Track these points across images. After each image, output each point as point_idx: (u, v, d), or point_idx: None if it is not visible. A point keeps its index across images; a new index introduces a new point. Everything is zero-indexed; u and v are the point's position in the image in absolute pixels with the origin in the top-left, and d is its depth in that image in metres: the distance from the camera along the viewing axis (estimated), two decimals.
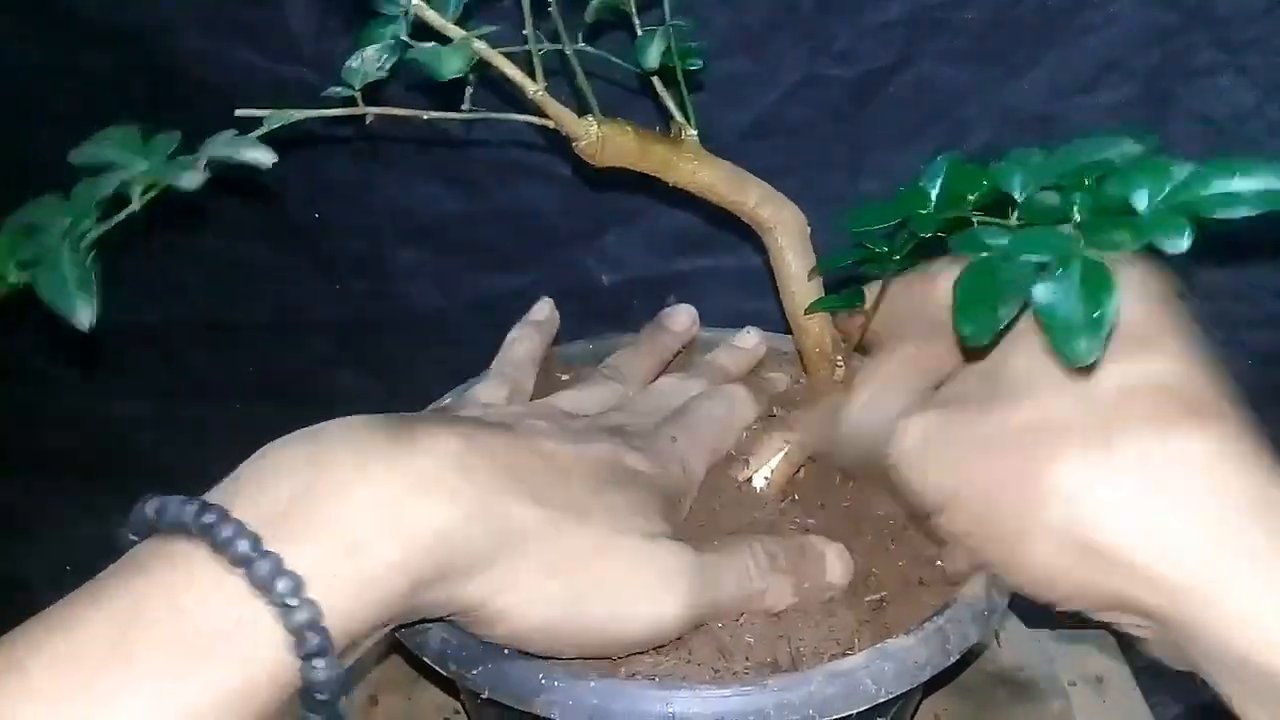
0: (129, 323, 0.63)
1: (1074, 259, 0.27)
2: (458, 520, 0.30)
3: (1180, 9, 0.48)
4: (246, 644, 0.27)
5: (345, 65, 0.33)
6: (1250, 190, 0.26)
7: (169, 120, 0.54)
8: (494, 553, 0.31)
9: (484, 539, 0.30)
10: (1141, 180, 0.27)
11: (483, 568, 0.31)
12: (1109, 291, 0.26)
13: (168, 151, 0.31)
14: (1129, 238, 0.27)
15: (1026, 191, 0.30)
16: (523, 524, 0.31)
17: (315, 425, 0.32)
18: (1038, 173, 0.30)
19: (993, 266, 0.28)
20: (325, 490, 0.29)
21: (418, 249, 0.60)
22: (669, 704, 0.33)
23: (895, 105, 0.52)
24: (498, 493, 0.31)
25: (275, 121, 0.32)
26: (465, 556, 0.30)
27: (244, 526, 0.27)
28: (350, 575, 0.28)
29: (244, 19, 0.53)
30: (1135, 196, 0.27)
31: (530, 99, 0.35)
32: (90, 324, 0.28)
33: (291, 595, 0.27)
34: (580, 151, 0.37)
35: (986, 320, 0.27)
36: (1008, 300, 0.27)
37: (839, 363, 0.43)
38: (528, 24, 0.34)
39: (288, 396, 0.66)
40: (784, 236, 0.41)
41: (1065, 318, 0.26)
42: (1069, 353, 0.26)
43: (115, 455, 0.69)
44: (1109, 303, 0.26)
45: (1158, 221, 0.26)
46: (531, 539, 0.31)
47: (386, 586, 0.29)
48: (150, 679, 0.25)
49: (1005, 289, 0.27)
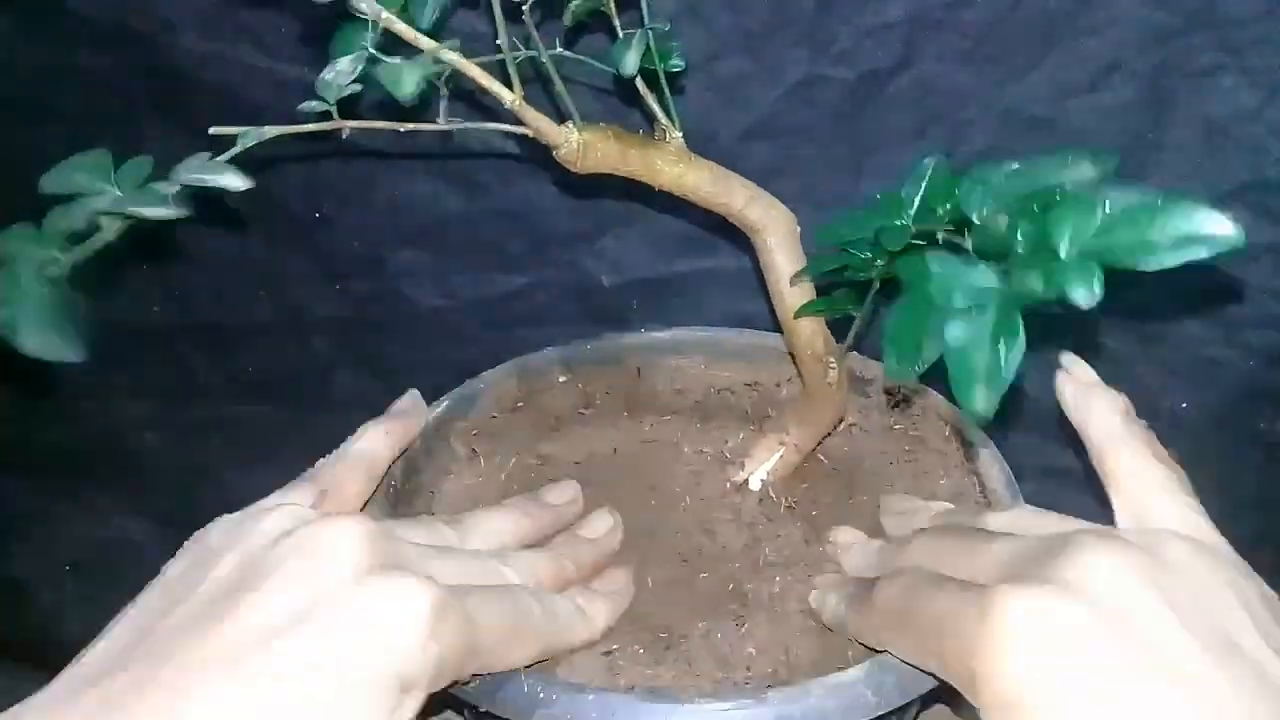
0: (129, 323, 0.63)
1: (990, 303, 0.26)
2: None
3: (1182, 10, 0.48)
4: None
5: (319, 78, 0.32)
6: (1168, 239, 0.25)
7: (170, 120, 0.54)
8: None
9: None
10: (1068, 217, 0.26)
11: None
12: (1014, 343, 0.25)
13: (139, 178, 0.30)
14: (1042, 285, 0.26)
15: (984, 213, 0.29)
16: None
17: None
18: (997, 193, 0.29)
19: (925, 302, 0.27)
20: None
21: (418, 249, 0.60)
22: (669, 717, 0.33)
23: (895, 106, 0.52)
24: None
25: (250, 139, 0.31)
26: None
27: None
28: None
29: (245, 19, 0.53)
30: (1059, 236, 0.26)
31: (508, 108, 0.34)
32: (80, 358, 0.28)
33: None
34: (561, 159, 0.36)
35: (911, 358, 0.27)
36: (932, 342, 0.27)
37: (831, 364, 0.43)
38: (501, 32, 0.33)
39: (288, 396, 0.66)
40: (773, 237, 0.41)
41: (969, 364, 0.25)
42: (967, 404, 0.26)
43: (115, 455, 0.69)
44: (1011, 355, 0.25)
45: (1072, 269, 0.25)
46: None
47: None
48: None
49: (932, 329, 0.27)
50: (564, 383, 0.52)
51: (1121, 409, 0.36)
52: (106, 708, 0.27)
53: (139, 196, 0.30)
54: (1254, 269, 0.53)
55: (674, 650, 0.37)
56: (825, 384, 0.43)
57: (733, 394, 0.51)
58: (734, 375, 0.52)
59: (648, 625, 0.39)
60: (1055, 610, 0.28)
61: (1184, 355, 0.56)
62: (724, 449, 0.47)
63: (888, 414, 0.49)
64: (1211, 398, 0.57)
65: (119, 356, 0.65)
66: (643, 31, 0.37)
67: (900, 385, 0.46)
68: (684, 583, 0.40)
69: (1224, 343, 0.56)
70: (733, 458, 0.46)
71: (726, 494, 0.44)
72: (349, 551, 0.31)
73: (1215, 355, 0.56)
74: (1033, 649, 0.28)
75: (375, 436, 0.42)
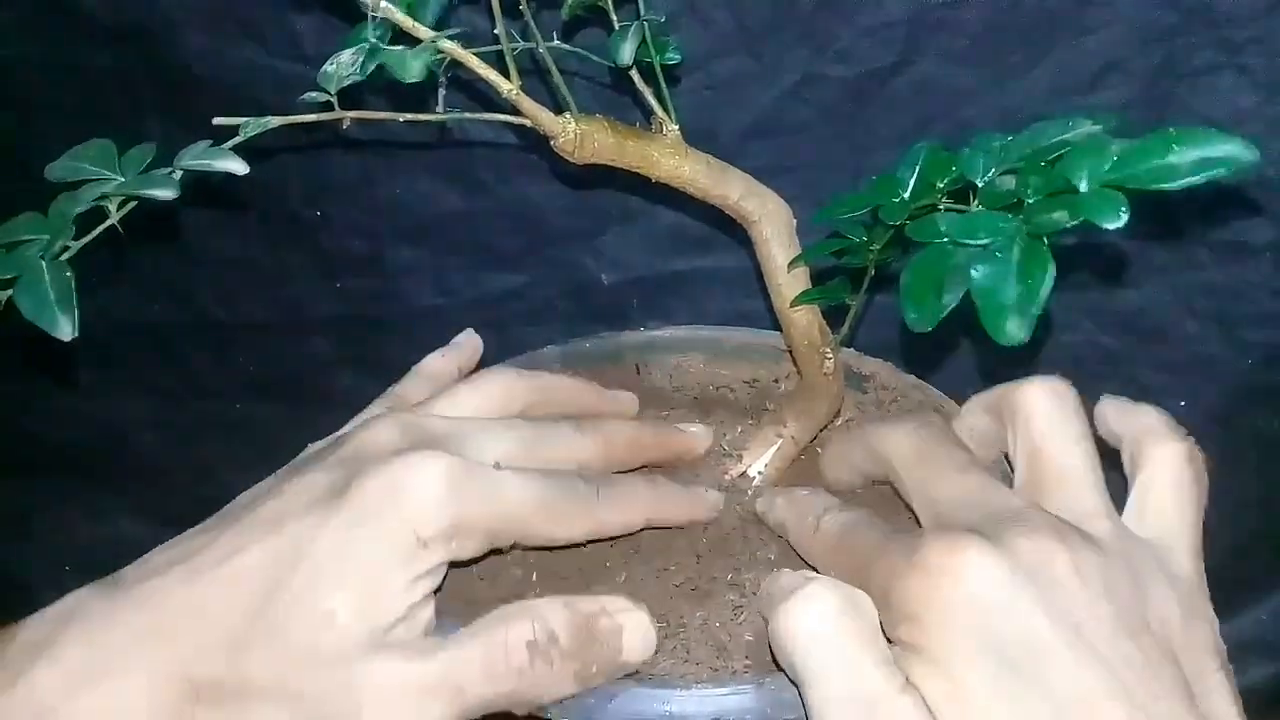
0: (129, 323, 0.64)
1: (1014, 241, 0.27)
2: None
3: (1180, 9, 0.48)
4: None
5: (321, 70, 0.33)
6: (1187, 161, 0.26)
7: (172, 117, 0.54)
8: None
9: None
10: (1083, 159, 0.27)
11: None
12: (1044, 271, 0.26)
13: (143, 164, 0.31)
14: (1066, 216, 0.26)
15: (987, 176, 0.30)
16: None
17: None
18: (999, 157, 0.30)
19: (941, 253, 0.28)
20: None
21: (417, 248, 0.60)
22: (666, 703, 0.33)
23: (895, 105, 0.52)
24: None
25: (252, 129, 0.32)
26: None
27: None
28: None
29: (247, 16, 0.53)
30: (1076, 176, 0.27)
31: (505, 98, 0.35)
32: (72, 335, 0.29)
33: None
34: (558, 149, 0.37)
35: (931, 307, 0.27)
36: (952, 287, 0.27)
37: (828, 355, 0.43)
38: (498, 22, 0.34)
39: (288, 396, 0.66)
40: (769, 229, 0.41)
41: (999, 299, 0.26)
42: (998, 334, 0.26)
43: (115, 455, 0.69)
44: (1043, 282, 0.26)
45: (1095, 199, 0.26)
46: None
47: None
48: None
49: (950, 275, 0.27)
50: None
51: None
52: (181, 557, 0.33)
53: (143, 180, 0.30)
54: (1253, 267, 0.53)
55: (673, 639, 0.37)
56: (822, 375, 0.43)
57: (731, 391, 0.51)
58: (733, 373, 0.52)
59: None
60: (979, 561, 0.29)
61: (1183, 354, 0.56)
62: (722, 442, 0.47)
63: (885, 409, 0.49)
64: (1211, 397, 0.57)
65: (119, 356, 0.65)
66: (639, 23, 0.37)
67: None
68: (682, 572, 0.41)
69: (1223, 341, 0.56)
70: (731, 450, 0.46)
71: (725, 486, 0.44)
72: (386, 438, 0.36)
73: (1214, 354, 0.56)
74: (954, 593, 0.28)
75: (435, 359, 0.46)
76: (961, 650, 0.28)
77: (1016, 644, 0.28)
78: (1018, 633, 0.28)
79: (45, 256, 0.29)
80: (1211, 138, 0.25)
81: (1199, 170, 0.25)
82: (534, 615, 0.33)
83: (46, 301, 0.29)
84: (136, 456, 0.69)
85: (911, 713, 0.28)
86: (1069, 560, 0.29)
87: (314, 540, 0.32)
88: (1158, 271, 0.55)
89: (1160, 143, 0.26)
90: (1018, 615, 0.28)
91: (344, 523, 0.33)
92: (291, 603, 0.32)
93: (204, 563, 0.33)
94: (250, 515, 0.34)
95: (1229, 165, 0.25)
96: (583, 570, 0.40)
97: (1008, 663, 0.28)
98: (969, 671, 0.28)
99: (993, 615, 0.28)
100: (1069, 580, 0.29)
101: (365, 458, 0.35)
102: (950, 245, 0.28)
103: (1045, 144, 0.30)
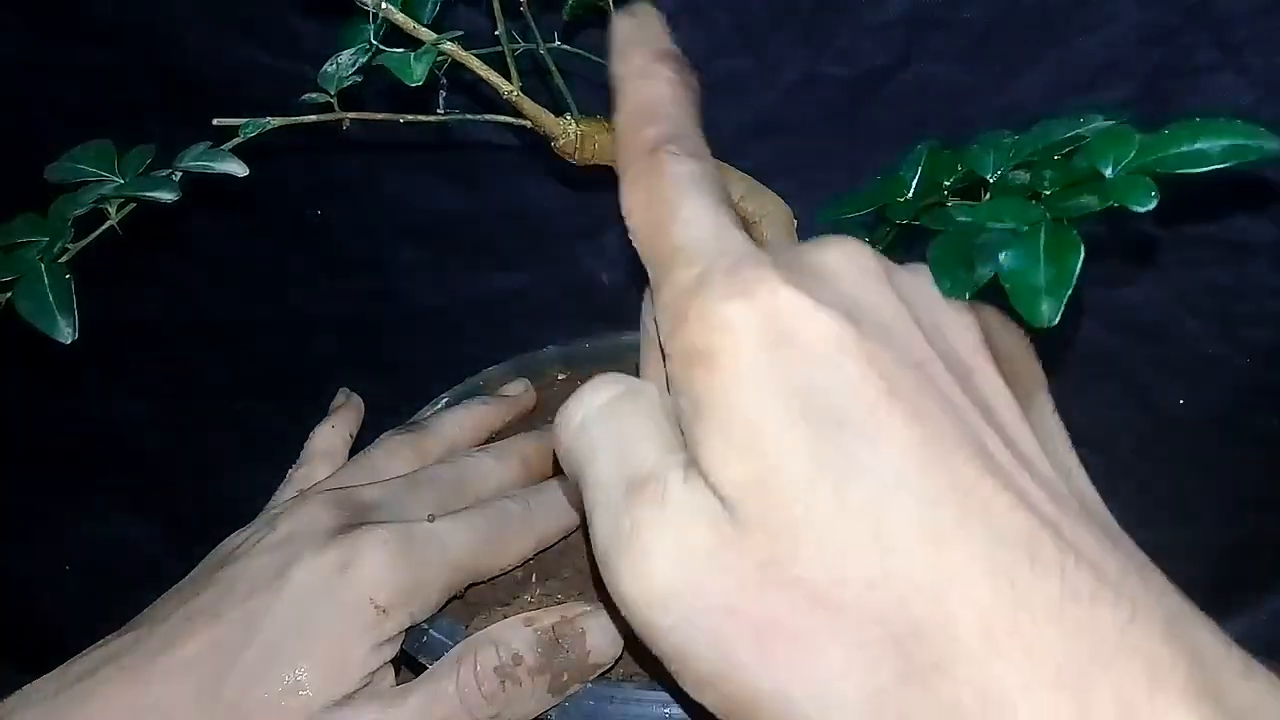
0: (129, 323, 0.63)
1: (1040, 224, 0.27)
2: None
3: (1180, 8, 0.48)
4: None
5: (321, 71, 0.33)
6: (1218, 148, 0.26)
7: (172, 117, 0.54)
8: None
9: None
10: (1107, 148, 0.27)
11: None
12: (1074, 252, 0.26)
13: (142, 165, 0.31)
14: (1095, 201, 0.26)
15: (999, 172, 0.30)
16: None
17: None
18: (1009, 153, 0.30)
19: (965, 232, 0.28)
20: None
21: (419, 247, 0.60)
22: (667, 706, 0.33)
23: (895, 105, 0.52)
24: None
25: (251, 130, 0.32)
26: None
27: None
28: None
29: (247, 15, 0.53)
30: (1101, 163, 0.27)
31: (505, 99, 0.35)
32: (72, 338, 0.29)
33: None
34: (559, 150, 0.37)
35: (964, 278, 0.27)
36: (983, 261, 0.27)
37: None
38: (500, 23, 0.34)
39: (288, 396, 0.65)
40: (769, 229, 0.41)
41: (1030, 282, 0.26)
42: (1033, 316, 0.26)
43: (115, 455, 0.69)
44: (1074, 262, 0.26)
45: (1123, 184, 0.26)
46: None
47: None
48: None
49: (978, 252, 0.27)
50: (564, 380, 0.52)
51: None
52: (109, 658, 0.32)
53: (142, 182, 0.31)
54: (1253, 266, 0.53)
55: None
56: None
57: None
58: None
59: None
60: (779, 287, 0.22)
61: (1182, 353, 0.56)
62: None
63: None
64: (1210, 395, 0.57)
65: (119, 355, 0.65)
66: None
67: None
68: None
69: (1222, 340, 0.56)
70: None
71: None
72: (318, 518, 0.35)
73: (1214, 353, 0.56)
74: (748, 337, 0.22)
75: (324, 435, 0.44)
76: (767, 415, 0.21)
77: (841, 398, 0.21)
78: (842, 384, 0.21)
79: (44, 259, 0.29)
80: (1237, 127, 0.26)
81: (1230, 157, 0.25)
82: (496, 641, 0.33)
83: (45, 304, 0.29)
84: (136, 456, 0.69)
85: (680, 492, 0.22)
86: (883, 279, 0.24)
87: (263, 621, 0.32)
88: (1158, 270, 0.55)
89: (1187, 131, 0.26)
90: (843, 360, 0.21)
91: (295, 601, 0.33)
92: (248, 681, 0.32)
93: (137, 660, 0.32)
94: (181, 610, 0.33)
95: (1258, 153, 0.25)
96: (580, 571, 0.40)
97: (830, 428, 0.21)
98: (778, 444, 0.21)
99: (807, 362, 0.21)
100: (891, 307, 0.23)
101: (301, 539, 0.34)
102: (974, 227, 0.28)
103: (1057, 139, 0.30)
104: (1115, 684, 0.19)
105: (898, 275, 0.25)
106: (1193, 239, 0.54)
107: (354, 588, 0.33)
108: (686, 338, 0.22)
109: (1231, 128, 0.26)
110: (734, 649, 0.21)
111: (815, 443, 0.21)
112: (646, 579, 0.21)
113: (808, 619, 0.20)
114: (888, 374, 0.21)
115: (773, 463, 0.21)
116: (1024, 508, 0.21)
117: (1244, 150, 0.25)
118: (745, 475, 0.21)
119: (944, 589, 0.20)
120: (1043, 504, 0.21)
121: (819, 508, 0.20)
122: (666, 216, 0.26)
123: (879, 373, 0.21)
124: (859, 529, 0.20)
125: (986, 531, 0.20)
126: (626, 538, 0.22)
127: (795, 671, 0.20)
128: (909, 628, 0.20)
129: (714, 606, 0.21)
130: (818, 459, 0.20)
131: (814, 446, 0.20)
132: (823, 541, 0.20)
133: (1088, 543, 0.21)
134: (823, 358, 0.21)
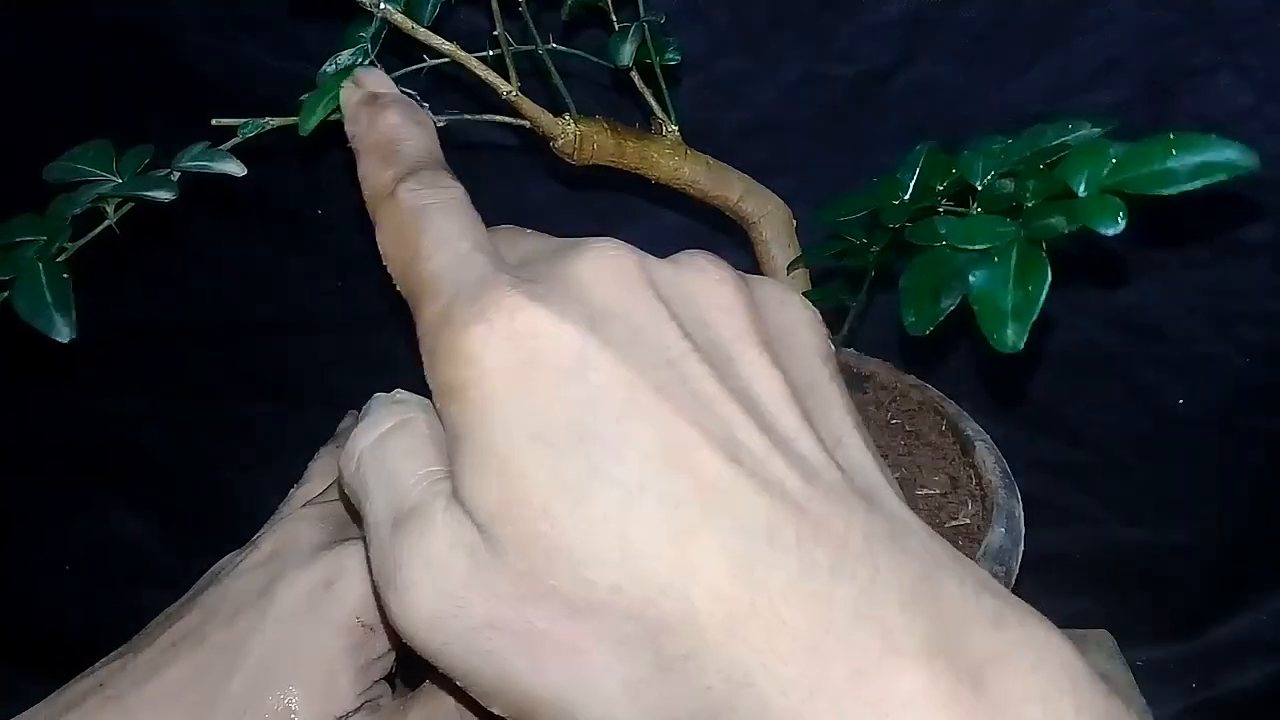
0: (128, 322, 0.63)
1: (1012, 247, 0.27)
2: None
3: (1179, 8, 0.48)
4: None
5: (321, 71, 0.33)
6: (1186, 167, 0.25)
7: (173, 117, 0.54)
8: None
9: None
10: (1083, 164, 0.27)
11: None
12: (1042, 278, 0.26)
13: (140, 165, 0.31)
14: (1064, 221, 0.26)
15: (986, 179, 0.30)
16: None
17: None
18: (998, 160, 0.30)
19: (940, 256, 0.28)
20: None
21: None
22: None
23: (895, 105, 0.52)
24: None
25: (250, 130, 0.32)
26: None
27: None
28: None
29: (248, 15, 0.53)
30: (1075, 180, 0.27)
31: (504, 100, 0.35)
32: (70, 338, 0.29)
33: None
34: (558, 151, 0.37)
35: (929, 311, 0.27)
36: (950, 291, 0.27)
37: None
38: (498, 24, 0.34)
39: (288, 396, 0.66)
40: (768, 230, 0.41)
41: (997, 305, 0.26)
42: (998, 342, 0.26)
43: (116, 454, 0.69)
44: (1041, 289, 0.26)
45: (1093, 205, 0.26)
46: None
47: None
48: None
49: (948, 279, 0.27)
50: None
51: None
52: (96, 686, 0.31)
53: (140, 181, 0.30)
54: (1252, 267, 0.53)
55: None
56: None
57: None
58: None
59: None
60: (518, 305, 0.22)
61: (1181, 352, 0.56)
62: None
63: (884, 409, 0.49)
64: (1209, 395, 0.57)
65: (120, 354, 0.65)
66: (639, 24, 0.37)
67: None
68: None
69: (1222, 341, 0.56)
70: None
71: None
72: (305, 534, 0.34)
73: (1213, 353, 0.56)
74: (507, 355, 0.22)
75: (328, 455, 0.43)
76: (511, 441, 0.21)
77: (584, 412, 0.21)
78: (585, 397, 0.21)
79: (42, 258, 0.29)
80: (1211, 143, 0.25)
81: (1198, 176, 0.25)
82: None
83: (44, 303, 0.29)
84: (137, 456, 0.69)
85: (442, 521, 0.22)
86: (638, 280, 0.24)
87: (250, 644, 0.32)
88: (1157, 270, 0.55)
89: (1159, 147, 0.26)
90: (584, 372, 0.22)
91: (281, 621, 0.32)
92: (238, 708, 0.31)
93: (123, 689, 0.31)
94: (166, 635, 0.33)
95: (1228, 171, 0.25)
96: None
97: (572, 443, 0.21)
98: (521, 467, 0.21)
99: (551, 380, 0.22)
100: (644, 308, 0.23)
101: (285, 557, 0.34)
102: (949, 249, 0.28)
103: (1044, 146, 0.30)
104: (848, 653, 0.20)
105: (659, 272, 0.25)
106: (1191, 239, 0.54)
107: (340, 605, 0.32)
108: (438, 373, 0.23)
109: (1204, 143, 0.25)
110: (507, 660, 0.22)
111: (557, 461, 0.21)
112: (414, 608, 0.22)
113: (567, 626, 0.21)
114: (630, 381, 0.22)
115: (517, 486, 0.21)
116: (767, 492, 0.21)
117: (1212, 168, 0.25)
118: (495, 502, 0.22)
119: (687, 584, 0.21)
120: (791, 485, 0.22)
121: (562, 523, 0.21)
122: (411, 253, 0.27)
123: (621, 381, 0.22)
124: (603, 538, 0.21)
125: (729, 522, 0.21)
126: (392, 573, 0.23)
127: (565, 674, 0.22)
128: (659, 624, 0.21)
129: (478, 625, 0.22)
130: (559, 476, 0.21)
131: (555, 465, 0.21)
132: (570, 554, 0.21)
133: (835, 517, 0.22)
134: (566, 372, 0.22)
